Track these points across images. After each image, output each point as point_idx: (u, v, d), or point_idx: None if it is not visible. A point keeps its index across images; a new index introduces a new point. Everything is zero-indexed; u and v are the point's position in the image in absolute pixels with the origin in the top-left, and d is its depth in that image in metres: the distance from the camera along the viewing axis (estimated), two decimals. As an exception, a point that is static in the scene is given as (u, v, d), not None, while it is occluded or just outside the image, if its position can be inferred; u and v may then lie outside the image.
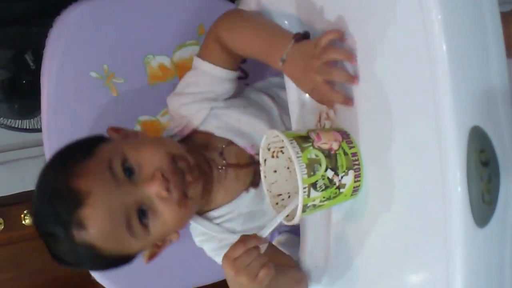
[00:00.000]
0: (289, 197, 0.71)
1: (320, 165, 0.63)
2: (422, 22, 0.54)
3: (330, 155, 0.65)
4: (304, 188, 0.62)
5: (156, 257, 0.82)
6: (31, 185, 0.75)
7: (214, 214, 0.87)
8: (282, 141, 0.65)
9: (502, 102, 0.56)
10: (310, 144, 0.64)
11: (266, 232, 0.68)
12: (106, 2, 0.98)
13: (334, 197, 0.66)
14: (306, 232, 0.80)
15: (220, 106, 0.86)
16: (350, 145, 0.67)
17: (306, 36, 0.71)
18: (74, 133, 0.82)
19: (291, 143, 0.63)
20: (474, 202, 0.54)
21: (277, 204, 0.71)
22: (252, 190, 0.87)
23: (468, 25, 0.55)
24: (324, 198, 0.65)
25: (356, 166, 0.67)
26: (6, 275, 1.51)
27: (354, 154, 0.67)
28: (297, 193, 0.63)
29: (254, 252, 0.66)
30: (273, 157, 0.71)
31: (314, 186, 0.63)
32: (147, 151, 0.75)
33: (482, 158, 0.54)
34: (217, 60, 0.84)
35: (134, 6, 0.98)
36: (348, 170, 0.66)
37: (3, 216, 1.47)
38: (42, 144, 0.98)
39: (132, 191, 0.73)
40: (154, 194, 0.73)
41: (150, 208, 0.74)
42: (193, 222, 0.87)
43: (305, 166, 0.62)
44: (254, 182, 0.87)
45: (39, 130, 1.13)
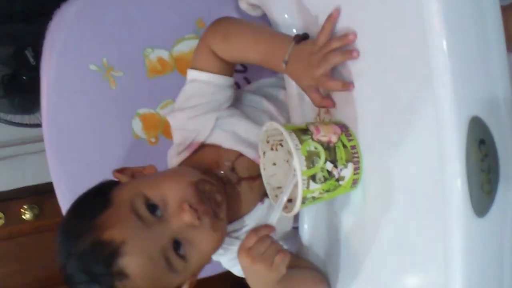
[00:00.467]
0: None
1: (319, 157, 0.63)
2: (422, 14, 0.53)
3: (329, 148, 0.65)
4: (303, 180, 0.62)
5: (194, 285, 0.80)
6: (32, 180, 0.74)
7: (231, 228, 0.85)
8: (281, 133, 0.65)
9: (501, 92, 0.56)
10: (309, 136, 0.64)
11: (273, 220, 0.68)
12: (106, -5, 0.98)
13: (333, 189, 0.66)
14: (303, 225, 0.80)
15: (224, 115, 0.85)
16: (349, 137, 0.67)
17: (305, 37, 0.71)
18: (74, 126, 0.82)
19: (290, 136, 0.63)
20: (474, 192, 0.54)
21: (276, 196, 0.71)
22: (266, 200, 0.85)
23: (468, 17, 0.54)
24: (323, 190, 0.65)
25: (355, 159, 0.67)
26: (6, 270, 1.52)
27: (353, 147, 0.67)
28: (296, 185, 0.63)
29: (267, 240, 0.67)
30: (272, 150, 0.72)
31: (313, 178, 0.63)
32: (168, 186, 0.74)
33: (482, 148, 0.54)
34: (214, 68, 0.83)
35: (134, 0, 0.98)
36: (347, 162, 0.66)
37: (3, 211, 1.47)
38: (43, 139, 0.99)
39: (163, 228, 0.71)
40: (186, 225, 0.71)
41: (184, 239, 0.72)
42: None
43: (304, 158, 0.62)
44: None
45: (40, 126, 1.13)
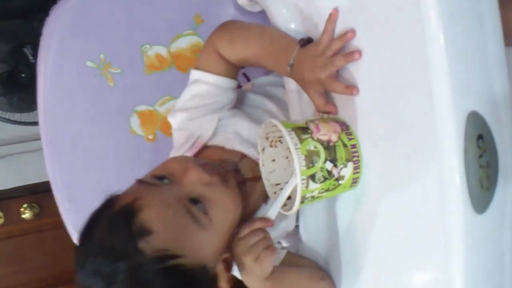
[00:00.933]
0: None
1: (319, 157, 0.63)
2: (419, 8, 0.53)
3: (329, 147, 0.64)
4: (302, 179, 0.62)
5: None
6: (31, 178, 0.74)
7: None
8: (281, 130, 0.64)
9: (500, 87, 0.56)
10: (309, 135, 0.64)
11: (272, 214, 0.68)
12: (104, -9, 0.98)
13: (333, 188, 0.66)
14: (303, 223, 0.80)
15: (226, 116, 0.85)
16: (350, 136, 0.67)
17: (310, 41, 0.71)
18: (71, 124, 0.82)
19: (290, 135, 0.62)
20: (473, 188, 0.53)
21: (275, 193, 0.71)
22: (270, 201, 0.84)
23: (465, 12, 0.54)
24: (322, 189, 0.64)
25: (355, 158, 0.66)
26: (6, 269, 1.52)
27: (353, 146, 0.66)
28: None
29: (259, 233, 0.67)
30: (271, 146, 0.71)
31: (312, 178, 0.63)
32: (172, 162, 0.74)
33: (480, 143, 0.54)
34: (219, 70, 0.83)
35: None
36: (347, 162, 0.65)
37: (3, 210, 1.47)
38: (41, 137, 0.99)
39: (176, 188, 0.69)
40: (197, 182, 0.70)
41: (200, 197, 0.70)
42: None
43: (303, 158, 0.62)
44: None
45: (38, 124, 1.13)
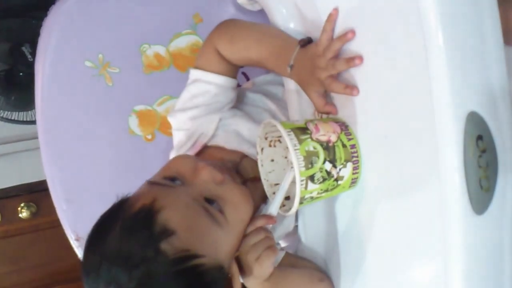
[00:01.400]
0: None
1: (318, 157, 0.63)
2: (418, 7, 0.53)
3: (328, 148, 0.64)
4: (301, 180, 0.61)
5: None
6: (29, 177, 0.73)
7: None
8: (280, 131, 0.64)
9: (499, 87, 0.56)
10: (308, 136, 0.63)
11: (274, 211, 0.68)
12: (102, -9, 0.97)
13: (332, 189, 0.65)
14: (302, 223, 0.79)
15: (226, 116, 0.84)
16: (349, 137, 0.66)
17: (310, 41, 0.71)
18: (69, 123, 0.81)
19: (289, 135, 0.62)
20: (472, 189, 0.53)
21: (274, 193, 0.70)
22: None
23: (464, 10, 0.54)
24: (321, 190, 0.64)
25: (354, 158, 0.66)
26: (4, 269, 1.51)
27: (352, 146, 0.66)
28: (294, 182, 0.62)
29: (261, 232, 0.67)
30: (270, 146, 0.71)
31: (311, 178, 0.62)
32: (178, 161, 0.74)
33: (480, 144, 0.54)
34: (219, 69, 0.82)
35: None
36: (346, 162, 0.65)
37: (0, 209, 1.47)
38: (39, 136, 0.98)
39: (190, 188, 0.69)
40: (210, 181, 0.69)
41: (214, 196, 0.69)
42: None
43: (302, 158, 0.61)
44: None
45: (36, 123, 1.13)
